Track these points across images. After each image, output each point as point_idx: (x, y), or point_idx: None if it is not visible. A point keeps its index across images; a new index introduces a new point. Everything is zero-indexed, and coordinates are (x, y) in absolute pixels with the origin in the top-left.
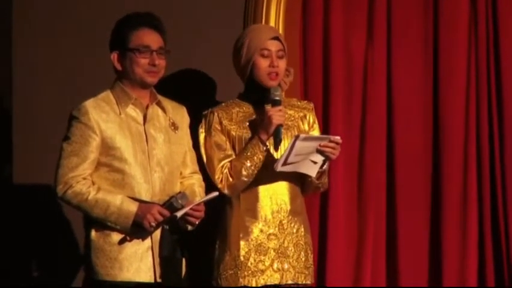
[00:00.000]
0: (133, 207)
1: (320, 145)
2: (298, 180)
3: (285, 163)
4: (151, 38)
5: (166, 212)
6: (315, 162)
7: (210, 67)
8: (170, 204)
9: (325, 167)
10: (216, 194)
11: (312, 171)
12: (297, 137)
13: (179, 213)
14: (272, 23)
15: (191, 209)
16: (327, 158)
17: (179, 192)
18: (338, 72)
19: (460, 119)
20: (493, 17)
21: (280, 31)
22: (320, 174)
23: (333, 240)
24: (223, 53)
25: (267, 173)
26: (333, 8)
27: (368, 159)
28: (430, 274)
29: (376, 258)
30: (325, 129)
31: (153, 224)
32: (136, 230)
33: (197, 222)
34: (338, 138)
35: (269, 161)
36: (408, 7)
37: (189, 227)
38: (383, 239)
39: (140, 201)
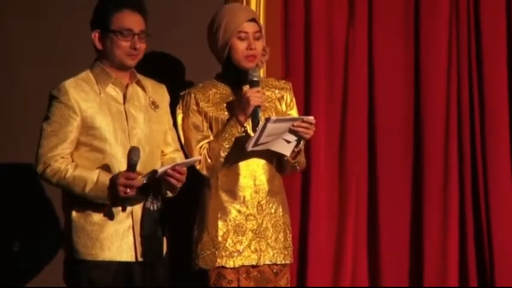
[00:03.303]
0: (106, 179)
1: (293, 125)
2: (275, 160)
3: (256, 144)
4: (133, 21)
5: (131, 174)
6: (288, 142)
7: (188, 47)
8: (129, 166)
9: (300, 146)
10: (198, 158)
11: (286, 150)
12: (267, 120)
13: (160, 170)
14: (253, 3)
15: (173, 169)
16: (300, 138)
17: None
18: (320, 52)
19: (442, 100)
20: None
21: (262, 11)
22: (296, 153)
23: (315, 220)
24: (203, 33)
25: (245, 154)
26: None
27: (350, 138)
28: (411, 257)
29: (357, 238)
30: (306, 108)
31: (128, 191)
32: (120, 200)
33: (178, 186)
34: (311, 118)
35: (247, 142)
36: None
37: (169, 193)
38: (364, 220)
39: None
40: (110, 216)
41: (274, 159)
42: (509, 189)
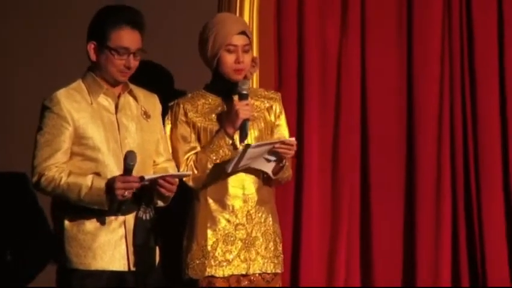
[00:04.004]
0: (102, 183)
1: (274, 146)
2: (261, 171)
3: (236, 167)
4: (131, 40)
5: (128, 178)
6: (269, 160)
7: (180, 56)
8: (125, 170)
9: (284, 161)
10: (189, 173)
11: (268, 168)
12: (248, 146)
13: (147, 177)
14: (246, 13)
15: (163, 179)
16: (281, 158)
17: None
18: (312, 63)
19: (434, 108)
20: (466, 3)
21: (255, 21)
22: (280, 168)
23: (307, 230)
24: (195, 43)
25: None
26: None
27: (342, 148)
28: (404, 263)
29: (350, 247)
30: (299, 119)
31: (126, 194)
32: (115, 205)
33: (167, 195)
34: (292, 140)
35: (235, 154)
36: None
37: (160, 202)
38: (357, 229)
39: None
40: (103, 225)
41: (261, 170)
42: (501, 200)
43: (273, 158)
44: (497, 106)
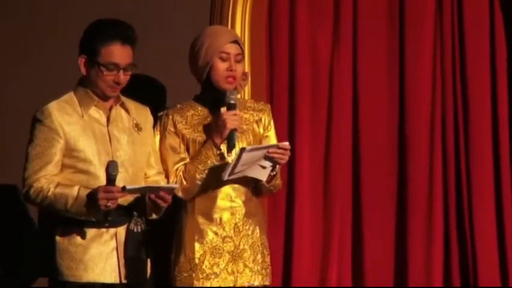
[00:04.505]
0: (86, 194)
1: (268, 151)
2: (251, 182)
3: (232, 173)
4: (121, 56)
5: (111, 188)
6: (264, 167)
7: (171, 69)
8: (108, 180)
9: (276, 169)
10: (176, 186)
11: (262, 175)
12: (243, 150)
13: (128, 187)
14: (238, 24)
15: (156, 195)
16: (276, 164)
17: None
18: (304, 75)
19: (426, 116)
20: (458, 12)
21: (247, 34)
22: (271, 177)
23: (299, 241)
24: (186, 56)
25: (221, 179)
26: (299, 8)
27: (334, 159)
28: (396, 274)
29: (342, 258)
30: (291, 131)
31: (109, 204)
32: (103, 215)
33: (163, 205)
34: (286, 144)
35: (223, 164)
36: (375, 5)
37: (154, 215)
38: (348, 242)
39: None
40: (94, 237)
41: (250, 181)
42: (492, 205)
43: (267, 164)
44: (489, 113)
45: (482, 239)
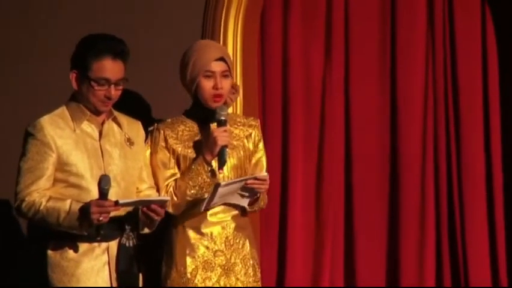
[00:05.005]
0: (78, 207)
1: (246, 182)
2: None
3: (209, 205)
4: (112, 71)
5: (103, 202)
6: (243, 195)
7: (162, 83)
8: (101, 195)
9: (258, 194)
10: (167, 198)
11: (243, 202)
12: (217, 185)
13: (122, 201)
14: (230, 37)
15: (148, 208)
16: (255, 193)
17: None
18: (297, 90)
19: (418, 126)
20: (449, 27)
21: (239, 48)
22: (254, 200)
23: (292, 248)
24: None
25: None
26: (292, 21)
27: (327, 172)
28: (388, 280)
29: (334, 265)
30: (284, 146)
31: (101, 218)
32: (95, 229)
33: (156, 219)
34: (264, 175)
35: (213, 180)
36: (366, 19)
37: (146, 229)
38: (341, 246)
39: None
40: (86, 252)
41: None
42: (484, 212)
43: (246, 194)
44: (481, 119)
45: (473, 242)
